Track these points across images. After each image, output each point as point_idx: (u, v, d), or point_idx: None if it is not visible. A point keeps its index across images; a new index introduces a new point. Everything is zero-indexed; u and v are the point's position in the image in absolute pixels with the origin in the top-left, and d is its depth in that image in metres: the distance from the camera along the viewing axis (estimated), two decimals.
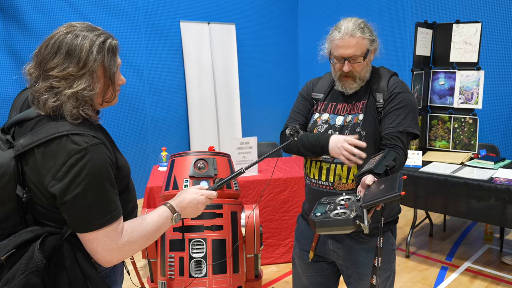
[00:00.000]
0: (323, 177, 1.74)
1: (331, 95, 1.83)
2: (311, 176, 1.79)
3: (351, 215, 1.26)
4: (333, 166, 1.72)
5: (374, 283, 1.40)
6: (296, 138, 1.67)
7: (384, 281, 1.80)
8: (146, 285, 2.10)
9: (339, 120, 1.76)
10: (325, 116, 1.79)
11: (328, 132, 1.75)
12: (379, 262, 1.39)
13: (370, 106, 1.71)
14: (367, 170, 1.47)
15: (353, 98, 1.76)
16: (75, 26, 1.20)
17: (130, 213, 1.31)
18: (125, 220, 1.22)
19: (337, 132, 1.73)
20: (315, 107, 1.86)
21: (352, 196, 1.44)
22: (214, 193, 1.44)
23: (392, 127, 1.67)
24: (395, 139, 1.66)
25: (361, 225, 1.28)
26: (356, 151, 1.57)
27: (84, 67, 1.15)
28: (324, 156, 1.74)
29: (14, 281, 1.06)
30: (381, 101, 1.70)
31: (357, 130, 1.69)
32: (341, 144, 1.62)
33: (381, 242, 1.38)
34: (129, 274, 1.45)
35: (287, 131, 1.66)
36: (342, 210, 1.31)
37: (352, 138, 1.62)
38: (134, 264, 1.81)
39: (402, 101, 1.69)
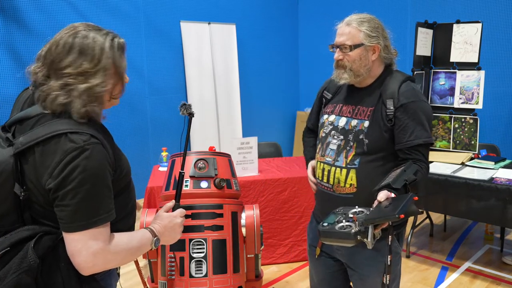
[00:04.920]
0: (325, 179, 1.77)
1: (339, 96, 1.84)
2: (317, 176, 1.84)
3: (352, 230, 1.29)
4: (333, 169, 1.73)
5: None
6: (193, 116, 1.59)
7: (390, 283, 1.81)
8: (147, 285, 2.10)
9: (341, 122, 1.75)
10: (332, 117, 1.80)
11: (331, 133, 1.76)
12: (387, 279, 1.39)
13: (378, 114, 1.68)
14: (385, 185, 1.47)
15: (361, 101, 1.74)
16: (79, 26, 1.21)
17: (130, 212, 1.30)
18: (125, 218, 1.22)
19: (342, 136, 1.73)
20: (325, 108, 1.88)
21: (366, 210, 1.44)
22: (183, 210, 1.44)
23: (411, 140, 1.63)
24: (416, 153, 1.63)
25: (364, 240, 1.30)
26: (312, 185, 1.88)
27: (98, 64, 1.18)
28: (327, 158, 1.76)
29: (6, 280, 1.06)
30: (392, 108, 1.65)
31: (360, 137, 1.68)
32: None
33: (389, 260, 1.37)
34: (118, 276, 1.43)
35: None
36: (347, 223, 1.33)
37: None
38: (136, 263, 1.80)
39: (415, 112, 1.64)
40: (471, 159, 3.53)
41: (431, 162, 3.52)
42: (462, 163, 3.45)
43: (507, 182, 2.93)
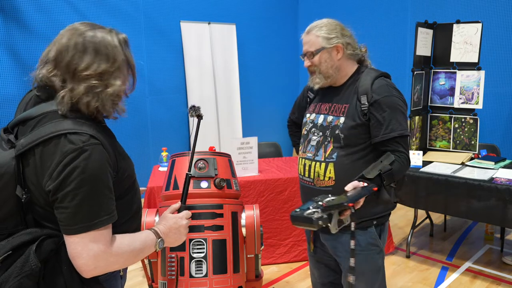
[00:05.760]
0: (306, 174, 1.85)
1: (319, 96, 1.93)
2: (299, 172, 1.92)
3: (315, 216, 1.34)
4: (313, 163, 1.82)
5: (351, 281, 1.43)
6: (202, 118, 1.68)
7: (373, 275, 1.83)
8: (146, 285, 2.10)
9: (320, 119, 1.85)
10: (313, 116, 1.90)
11: (312, 130, 1.86)
12: (353, 263, 1.43)
13: (353, 109, 1.74)
14: (360, 176, 1.55)
15: (336, 99, 1.82)
16: (81, 26, 1.19)
17: (135, 214, 1.29)
18: (129, 221, 1.21)
19: (320, 132, 1.81)
20: (308, 108, 1.98)
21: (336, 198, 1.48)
22: (188, 212, 1.46)
23: (387, 134, 1.70)
24: (395, 144, 1.70)
25: (328, 225, 1.36)
26: None
27: (114, 62, 1.18)
28: (308, 154, 1.84)
29: (8, 284, 1.05)
30: (366, 103, 1.72)
31: (336, 132, 1.75)
32: None
33: (352, 244, 1.42)
34: (121, 278, 1.42)
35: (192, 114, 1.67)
36: (314, 210, 1.38)
37: None
38: (142, 261, 1.79)
39: (388, 106, 1.70)
40: (471, 159, 3.53)
41: (431, 162, 3.52)
42: (462, 163, 3.45)
43: (507, 182, 2.93)
